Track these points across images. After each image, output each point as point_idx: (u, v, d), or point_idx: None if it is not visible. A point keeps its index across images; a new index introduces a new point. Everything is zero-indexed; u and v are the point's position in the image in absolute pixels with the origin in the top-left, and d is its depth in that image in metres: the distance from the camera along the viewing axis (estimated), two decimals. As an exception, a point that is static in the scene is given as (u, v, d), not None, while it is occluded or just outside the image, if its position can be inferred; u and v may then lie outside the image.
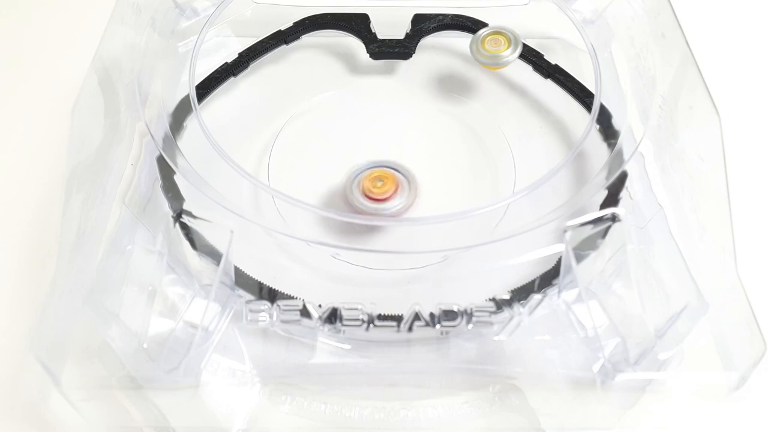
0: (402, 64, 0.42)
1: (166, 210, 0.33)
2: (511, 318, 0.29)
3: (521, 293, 0.31)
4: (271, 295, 0.31)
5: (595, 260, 0.32)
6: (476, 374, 0.30)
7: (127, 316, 0.29)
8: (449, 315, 0.29)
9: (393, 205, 0.34)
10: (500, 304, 0.29)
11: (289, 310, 0.29)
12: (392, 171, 0.35)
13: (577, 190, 0.35)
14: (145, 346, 0.29)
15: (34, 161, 0.39)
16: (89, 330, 0.29)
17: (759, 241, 0.35)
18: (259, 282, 0.31)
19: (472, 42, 0.39)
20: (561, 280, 0.31)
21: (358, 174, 0.35)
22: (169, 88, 0.37)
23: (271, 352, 0.30)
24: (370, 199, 0.34)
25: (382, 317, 0.29)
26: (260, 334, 0.30)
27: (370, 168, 0.35)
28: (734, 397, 0.28)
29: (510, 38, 0.38)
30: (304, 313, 0.29)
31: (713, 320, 0.29)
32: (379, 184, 0.34)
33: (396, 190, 0.34)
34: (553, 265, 0.32)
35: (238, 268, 0.31)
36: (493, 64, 0.38)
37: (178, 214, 0.32)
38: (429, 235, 0.33)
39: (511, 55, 0.38)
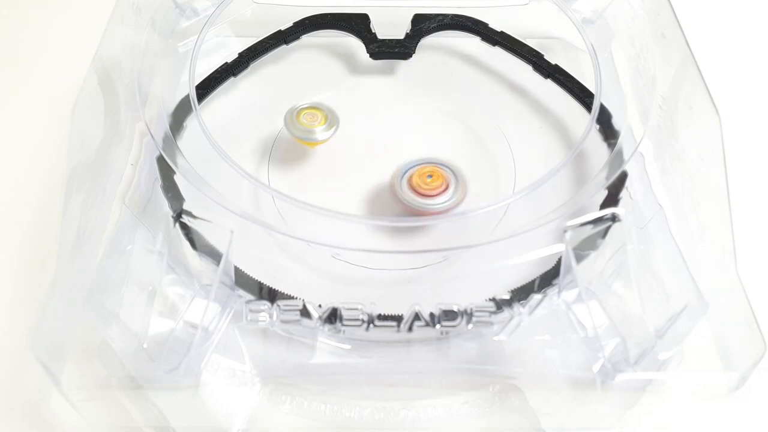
0: (402, 64, 0.42)
1: (166, 210, 0.33)
2: (511, 318, 0.29)
3: (521, 293, 0.31)
4: (271, 295, 0.31)
5: (595, 260, 0.32)
6: (476, 374, 0.30)
7: (127, 316, 0.29)
8: (449, 315, 0.29)
9: (442, 200, 0.34)
10: (500, 304, 0.29)
11: (289, 310, 0.29)
12: (442, 167, 0.35)
13: (577, 190, 0.35)
14: (145, 346, 0.29)
15: (34, 161, 0.39)
16: (89, 330, 0.29)
17: (759, 241, 0.35)
18: (259, 282, 0.31)
19: (287, 113, 0.37)
20: (561, 280, 0.31)
21: (407, 170, 0.35)
22: (169, 88, 0.37)
23: (271, 352, 0.30)
24: (420, 194, 0.34)
25: (382, 317, 0.29)
26: (260, 334, 0.30)
27: (420, 165, 0.35)
28: (734, 397, 0.28)
29: (327, 116, 0.37)
30: (304, 313, 0.29)
31: (713, 320, 0.29)
32: (429, 180, 0.35)
33: (446, 187, 0.35)
34: (553, 265, 0.32)
35: (238, 268, 0.31)
36: (305, 138, 0.37)
37: (178, 214, 0.32)
38: (429, 235, 0.33)
39: (324, 132, 0.37)
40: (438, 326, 0.29)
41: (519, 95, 0.41)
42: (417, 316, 0.29)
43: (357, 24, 0.41)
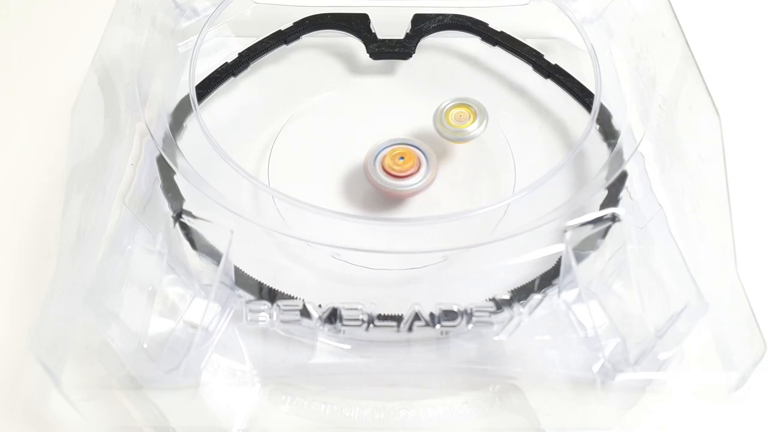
0: (402, 64, 0.42)
1: (166, 210, 0.33)
2: (511, 318, 0.29)
3: (521, 293, 0.31)
4: (271, 295, 0.31)
5: (595, 260, 0.32)
6: (476, 374, 0.30)
7: (127, 316, 0.29)
8: (449, 315, 0.29)
9: (413, 182, 0.35)
10: (500, 304, 0.29)
11: (289, 310, 0.29)
12: (413, 148, 0.36)
13: (577, 190, 0.35)
14: (145, 346, 0.29)
15: (34, 161, 0.39)
16: (89, 330, 0.29)
17: (759, 241, 0.35)
18: (259, 282, 0.31)
19: (435, 114, 0.37)
20: (561, 280, 0.31)
21: (380, 151, 0.36)
22: (169, 88, 0.37)
23: (271, 352, 0.30)
24: (391, 175, 0.35)
25: (382, 317, 0.29)
26: (260, 334, 0.30)
27: (392, 146, 0.36)
28: (734, 397, 0.28)
29: (474, 110, 0.37)
30: (304, 313, 0.29)
31: (713, 320, 0.29)
32: (401, 161, 0.35)
33: (418, 168, 0.35)
34: (553, 265, 0.32)
35: (238, 268, 0.31)
36: (457, 139, 0.37)
37: (178, 214, 0.32)
38: (429, 235, 0.33)
39: (477, 128, 0.36)
40: (438, 326, 0.29)
41: (519, 95, 0.41)
42: (417, 316, 0.29)
43: (357, 24, 0.41)
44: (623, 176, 0.34)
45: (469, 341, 0.30)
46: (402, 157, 0.36)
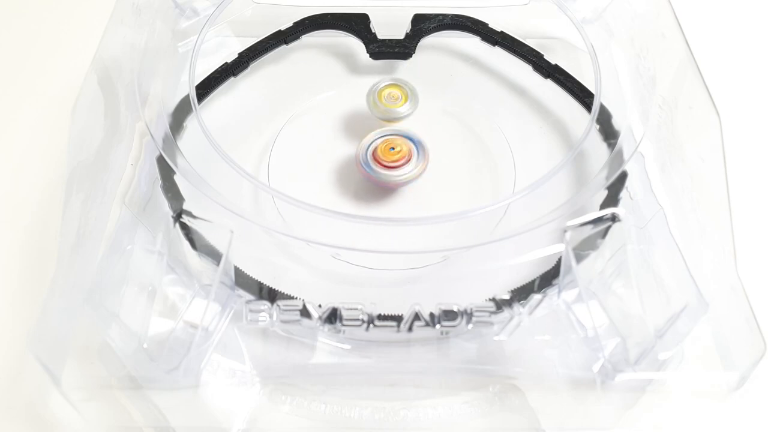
0: (402, 64, 0.42)
1: (166, 210, 0.33)
2: (511, 318, 0.29)
3: (521, 293, 0.31)
4: (271, 295, 0.31)
5: (595, 260, 0.32)
6: (476, 374, 0.30)
7: (127, 316, 0.29)
8: (449, 315, 0.29)
9: (404, 172, 0.36)
10: (500, 304, 0.29)
11: (289, 310, 0.29)
12: (405, 139, 0.36)
13: (577, 190, 0.35)
14: (145, 346, 0.29)
15: (34, 161, 0.39)
16: (89, 330, 0.29)
17: (759, 241, 0.35)
18: (259, 282, 0.31)
19: (368, 93, 0.38)
20: (561, 280, 0.31)
21: (372, 141, 0.36)
22: (169, 88, 0.37)
23: (271, 352, 0.30)
24: (383, 166, 0.36)
25: (382, 317, 0.29)
26: (260, 334, 0.30)
27: (384, 137, 0.36)
28: (734, 397, 0.28)
29: (407, 92, 0.38)
30: (304, 313, 0.29)
31: (713, 320, 0.29)
32: (392, 152, 0.36)
33: (409, 158, 0.36)
34: (553, 265, 0.32)
35: (238, 268, 0.31)
36: (387, 118, 0.38)
37: (178, 214, 0.32)
38: (429, 235, 0.33)
39: (408, 110, 0.37)
40: (438, 326, 0.29)
41: (519, 95, 0.41)
42: (417, 316, 0.29)
43: (357, 24, 0.41)
44: (623, 176, 0.34)
45: (469, 341, 0.30)
46: (393, 148, 0.36)
